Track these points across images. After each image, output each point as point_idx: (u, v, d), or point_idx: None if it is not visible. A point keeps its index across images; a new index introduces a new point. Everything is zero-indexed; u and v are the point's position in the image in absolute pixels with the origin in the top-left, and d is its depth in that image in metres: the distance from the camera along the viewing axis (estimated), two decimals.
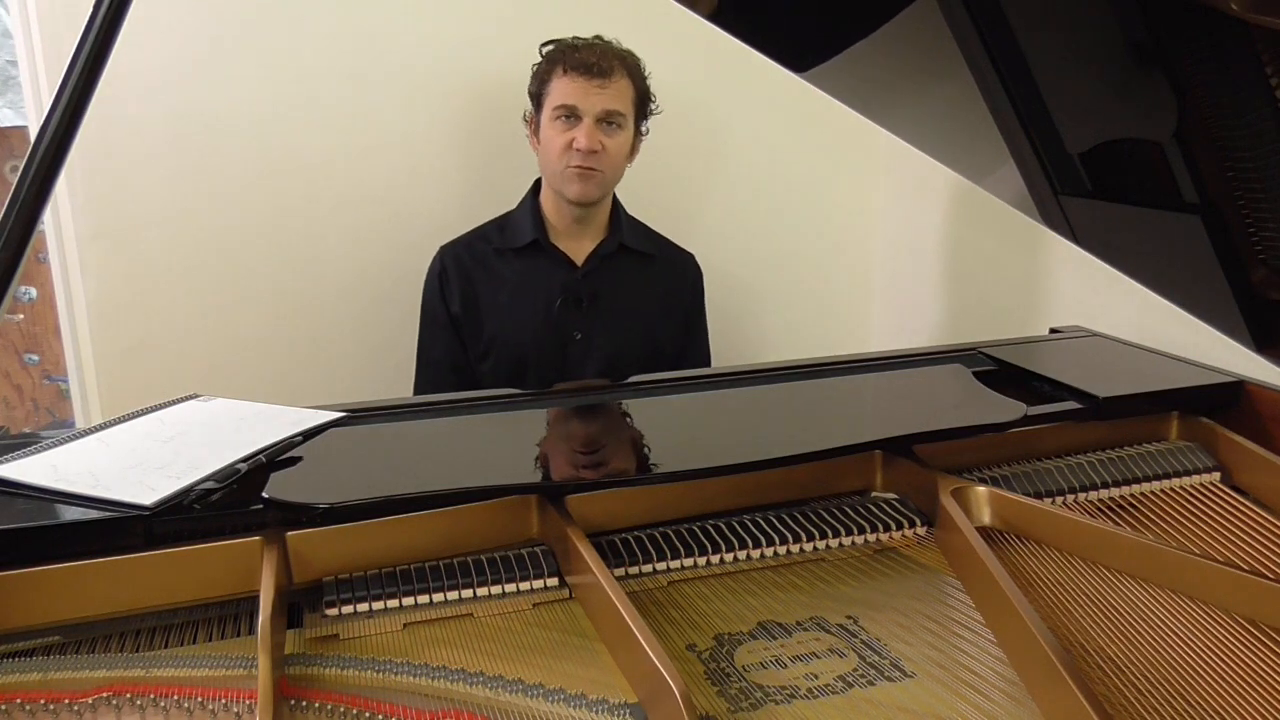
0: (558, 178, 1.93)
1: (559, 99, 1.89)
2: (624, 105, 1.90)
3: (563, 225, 1.99)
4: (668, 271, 2.09)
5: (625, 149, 1.94)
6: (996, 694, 0.90)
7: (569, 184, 1.91)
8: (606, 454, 1.31)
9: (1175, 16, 1.03)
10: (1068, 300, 2.10)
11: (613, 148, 1.90)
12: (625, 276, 2.03)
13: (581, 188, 1.90)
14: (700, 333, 2.15)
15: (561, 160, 1.90)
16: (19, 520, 1.02)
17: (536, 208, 2.00)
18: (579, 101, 1.87)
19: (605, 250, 2.01)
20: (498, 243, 2.01)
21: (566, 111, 1.89)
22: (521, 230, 2.00)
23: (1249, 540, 1.13)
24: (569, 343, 1.99)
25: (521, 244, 1.99)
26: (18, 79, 2.33)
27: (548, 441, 1.34)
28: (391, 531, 1.07)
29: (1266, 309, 1.20)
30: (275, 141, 2.15)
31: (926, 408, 1.40)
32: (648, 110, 1.98)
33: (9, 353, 2.75)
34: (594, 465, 1.26)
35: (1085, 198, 1.28)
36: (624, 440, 1.34)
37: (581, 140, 1.86)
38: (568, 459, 1.30)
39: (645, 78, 1.96)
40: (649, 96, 1.97)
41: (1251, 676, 0.91)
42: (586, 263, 2.00)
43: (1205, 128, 1.09)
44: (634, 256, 2.04)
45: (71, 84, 1.14)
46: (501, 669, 0.94)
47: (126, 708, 0.90)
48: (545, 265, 1.99)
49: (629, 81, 1.91)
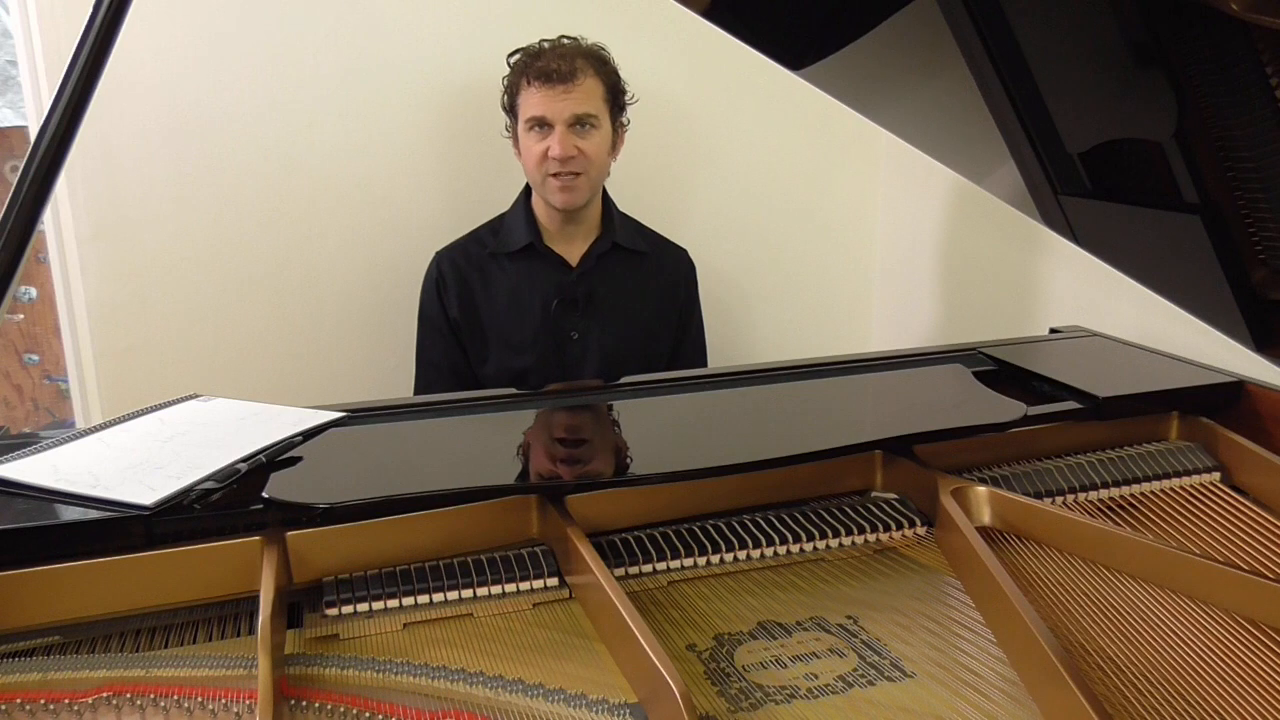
0: (541, 188, 1.95)
1: (529, 111, 1.90)
2: (593, 105, 1.90)
3: (555, 227, 2.01)
4: (661, 268, 2.10)
5: (604, 147, 1.94)
6: (996, 694, 0.90)
7: (553, 194, 1.93)
8: (606, 454, 1.31)
9: (1175, 16, 1.03)
10: (1068, 300, 2.10)
11: (590, 149, 1.90)
12: (619, 275, 2.03)
13: (565, 196, 1.92)
14: (696, 327, 2.16)
15: (540, 170, 1.91)
16: (19, 520, 1.02)
17: (529, 211, 2.01)
18: (547, 111, 1.88)
19: (599, 250, 2.01)
20: (492, 246, 2.03)
21: (537, 122, 1.90)
22: (515, 234, 2.01)
23: (1249, 540, 1.13)
24: (566, 343, 2.00)
25: (516, 248, 2.00)
26: (18, 79, 2.33)
27: (548, 442, 1.34)
28: (391, 531, 1.07)
29: (1266, 309, 1.20)
30: (275, 142, 2.15)
31: (926, 408, 1.40)
32: (622, 102, 1.97)
33: (9, 353, 2.75)
34: (594, 465, 1.26)
35: (1085, 198, 1.28)
36: (624, 440, 1.34)
37: (555, 149, 1.87)
38: (568, 459, 1.30)
39: (614, 71, 1.95)
40: (621, 89, 1.97)
41: (1251, 676, 0.91)
42: (581, 263, 2.01)
43: (1205, 128, 1.09)
44: (627, 254, 2.05)
45: (71, 84, 1.14)
46: (501, 669, 0.94)
47: (126, 708, 0.90)
48: (540, 267, 2.00)
49: (596, 80, 1.91)
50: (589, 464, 1.27)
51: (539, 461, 1.27)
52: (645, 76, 2.12)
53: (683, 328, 2.13)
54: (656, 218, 2.17)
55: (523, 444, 1.32)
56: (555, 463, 1.27)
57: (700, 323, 2.17)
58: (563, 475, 1.21)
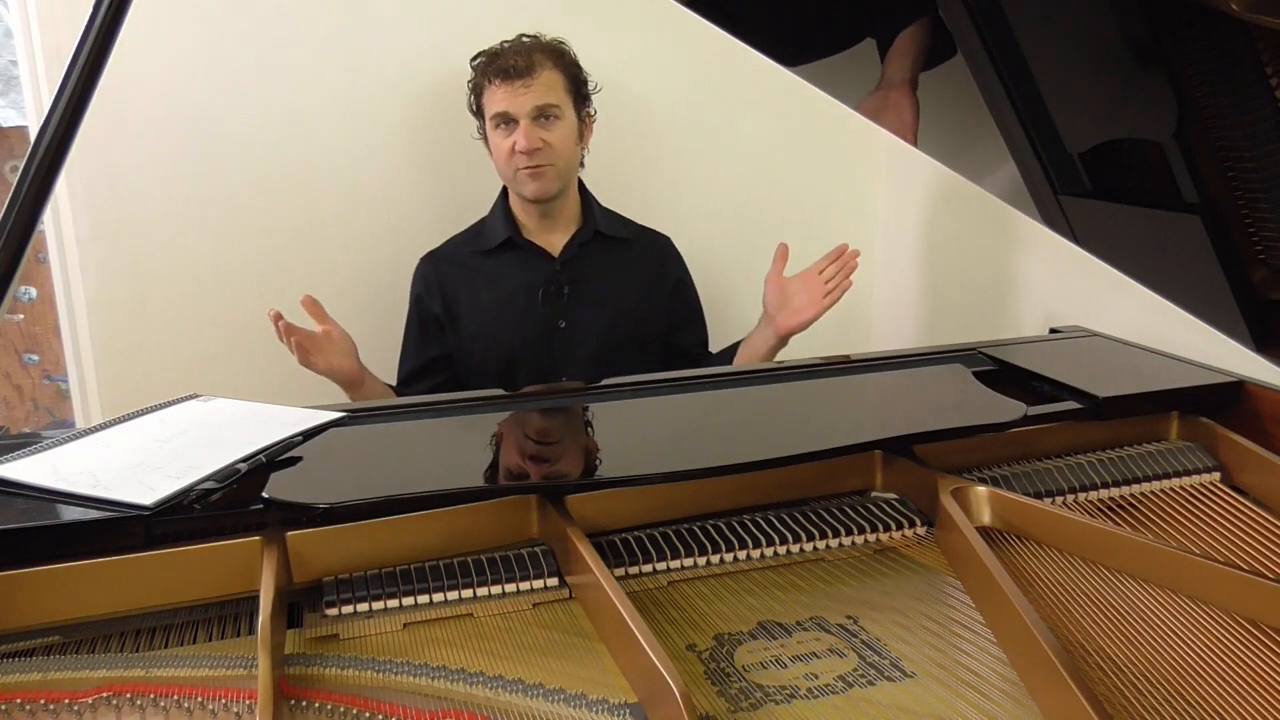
0: (513, 182, 1.99)
1: (492, 108, 1.94)
2: (555, 96, 1.93)
3: (533, 223, 2.04)
4: (645, 253, 2.12)
5: (570, 137, 1.97)
6: (996, 694, 0.90)
7: (523, 185, 1.96)
8: (606, 454, 1.31)
9: (1175, 16, 1.03)
10: (1068, 300, 2.10)
11: (555, 139, 1.93)
12: (603, 262, 2.06)
13: (535, 186, 1.95)
14: (694, 304, 2.16)
15: (510, 165, 1.95)
16: (19, 520, 1.02)
17: (506, 210, 2.05)
18: (509, 106, 1.91)
19: (581, 239, 2.04)
20: (475, 246, 2.06)
21: (502, 119, 1.93)
22: (494, 231, 2.05)
23: (1249, 540, 1.13)
24: (555, 332, 2.03)
25: (495, 244, 2.03)
26: (18, 79, 2.32)
27: (547, 442, 1.34)
28: (391, 531, 1.07)
29: (1266, 309, 1.20)
30: (275, 142, 2.15)
31: (926, 408, 1.40)
32: (585, 93, 2.01)
33: (9, 353, 2.75)
34: (594, 465, 1.26)
35: (1085, 198, 1.28)
36: (624, 440, 1.34)
37: (521, 141, 1.91)
38: (568, 459, 1.29)
39: (574, 62, 1.98)
40: (582, 79, 2.00)
41: (1251, 676, 0.91)
42: (563, 253, 2.04)
43: (1205, 128, 1.09)
44: (610, 242, 2.07)
45: (71, 84, 1.15)
46: (501, 669, 0.94)
47: (126, 708, 0.90)
48: (523, 260, 2.03)
49: (555, 72, 1.94)
50: (589, 464, 1.27)
51: (538, 461, 1.27)
52: (645, 77, 2.13)
53: (682, 302, 2.14)
54: (655, 218, 2.17)
55: (522, 444, 1.32)
56: (554, 462, 1.27)
57: (698, 301, 2.17)
58: (563, 475, 1.21)
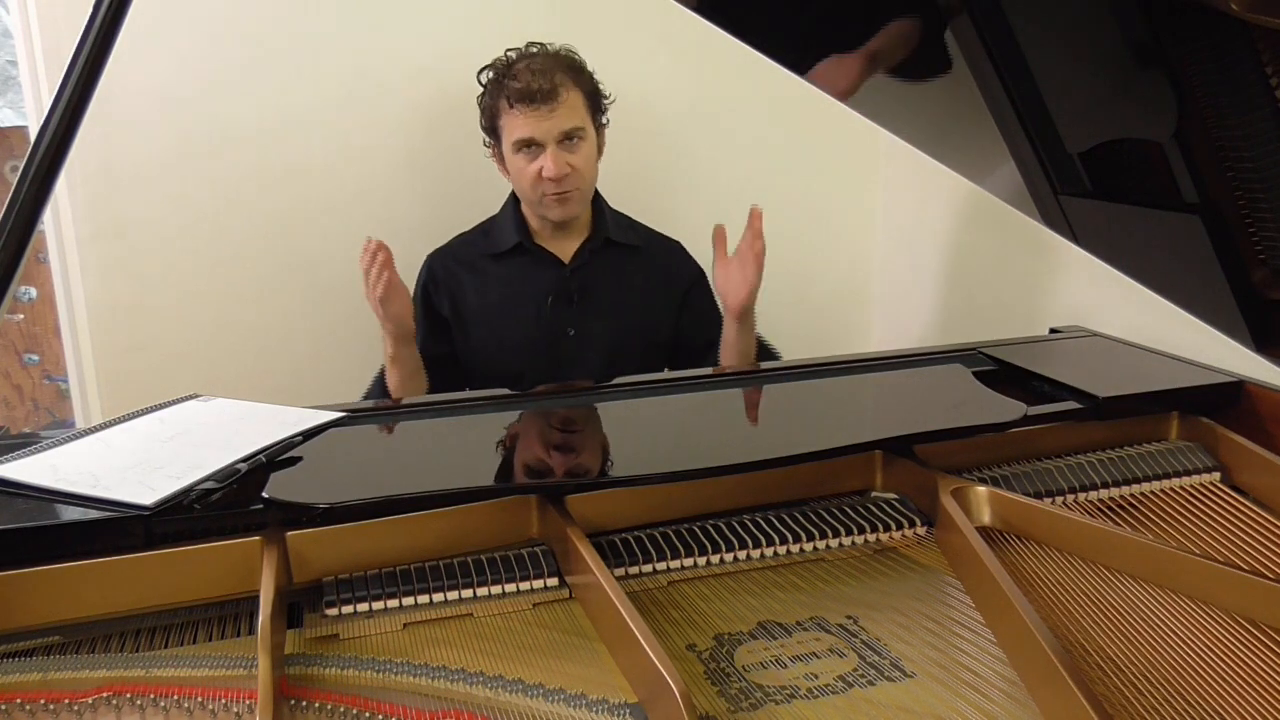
0: (538, 205, 1.93)
1: (515, 133, 1.87)
2: (579, 118, 1.89)
3: (545, 230, 2.00)
4: (655, 261, 2.09)
5: (593, 155, 1.94)
6: (996, 694, 0.90)
7: (550, 209, 1.92)
8: (606, 454, 1.31)
9: (1175, 16, 1.03)
10: (1068, 300, 2.09)
11: (580, 161, 1.89)
12: (614, 270, 2.03)
13: (562, 210, 1.92)
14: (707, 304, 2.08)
15: (536, 190, 1.90)
16: (19, 520, 1.02)
17: (518, 213, 2.01)
18: (534, 133, 1.86)
19: (592, 246, 2.01)
20: (483, 247, 2.03)
21: (525, 144, 1.87)
22: (505, 234, 2.01)
23: (1249, 540, 1.13)
24: (562, 339, 2.00)
25: (506, 248, 2.00)
26: (18, 79, 2.32)
27: (548, 442, 1.34)
28: (391, 531, 1.07)
29: (1266, 309, 1.20)
30: (275, 142, 2.15)
31: (926, 408, 1.40)
32: (602, 105, 1.96)
33: (9, 353, 2.75)
34: (594, 465, 1.26)
35: (1085, 198, 1.28)
36: (624, 440, 1.34)
37: (550, 169, 1.85)
38: (567, 459, 1.29)
39: (590, 76, 1.93)
40: (599, 92, 1.95)
41: (1251, 676, 0.91)
42: (574, 259, 2.00)
43: (1205, 128, 1.09)
44: (621, 250, 2.04)
45: (71, 84, 1.14)
46: (501, 669, 0.94)
47: (126, 708, 0.90)
48: (532, 265, 2.00)
49: (576, 91, 1.89)
50: (589, 464, 1.27)
51: (539, 461, 1.27)
52: (645, 78, 2.13)
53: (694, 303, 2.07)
54: (655, 219, 2.17)
55: (523, 444, 1.32)
56: (555, 462, 1.27)
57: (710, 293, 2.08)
58: (563, 475, 1.21)
